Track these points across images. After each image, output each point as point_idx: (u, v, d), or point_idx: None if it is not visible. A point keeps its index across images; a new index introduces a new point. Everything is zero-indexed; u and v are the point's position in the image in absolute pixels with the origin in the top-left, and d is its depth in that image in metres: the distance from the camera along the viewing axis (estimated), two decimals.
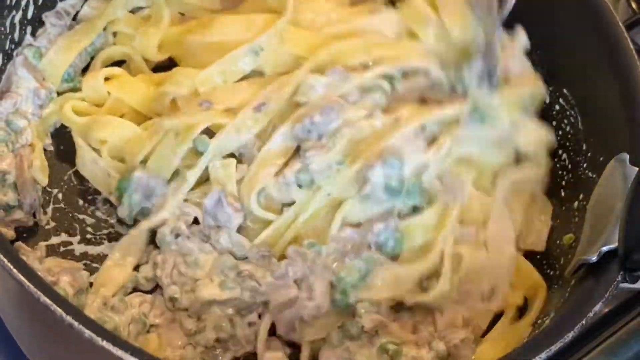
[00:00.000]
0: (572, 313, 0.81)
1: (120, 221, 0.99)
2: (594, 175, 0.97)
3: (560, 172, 1.06)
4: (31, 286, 0.72)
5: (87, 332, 0.70)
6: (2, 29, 1.02)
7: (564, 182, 1.05)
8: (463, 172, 0.99)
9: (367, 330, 0.90)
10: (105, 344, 0.70)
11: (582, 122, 1.03)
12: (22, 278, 0.72)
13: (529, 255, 1.02)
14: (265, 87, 0.98)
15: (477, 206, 0.99)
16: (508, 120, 1.01)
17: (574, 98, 1.05)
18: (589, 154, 1.00)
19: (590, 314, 0.79)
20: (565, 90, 1.06)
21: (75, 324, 0.70)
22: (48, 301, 0.71)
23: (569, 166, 1.04)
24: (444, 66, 1.02)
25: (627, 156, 0.89)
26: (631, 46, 0.97)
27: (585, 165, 1.01)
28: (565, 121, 1.06)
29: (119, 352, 0.70)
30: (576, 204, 1.00)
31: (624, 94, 0.95)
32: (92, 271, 0.95)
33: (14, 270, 0.73)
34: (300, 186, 0.95)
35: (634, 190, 0.82)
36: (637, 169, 0.86)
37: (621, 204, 0.83)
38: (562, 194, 1.05)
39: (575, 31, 1.03)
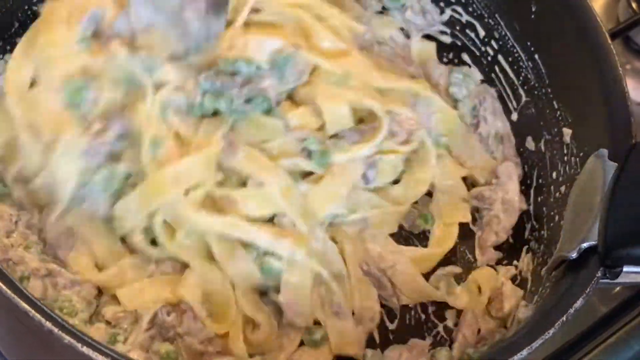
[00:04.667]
0: (553, 310, 0.80)
1: None
2: (572, 172, 0.98)
3: (541, 170, 1.07)
4: (8, 291, 0.71)
5: (67, 339, 0.70)
6: None
7: (542, 180, 1.07)
8: None
9: None
10: (85, 349, 0.70)
11: (561, 118, 1.04)
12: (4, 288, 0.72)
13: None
14: None
15: None
16: None
17: (555, 96, 1.05)
18: (570, 152, 1.01)
19: (571, 311, 0.79)
20: (549, 90, 1.06)
21: (55, 330, 0.70)
22: (27, 307, 0.71)
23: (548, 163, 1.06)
24: None
25: (606, 152, 0.89)
26: (611, 45, 0.97)
27: (565, 160, 1.02)
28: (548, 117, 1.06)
29: (99, 357, 0.70)
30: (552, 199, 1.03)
31: (604, 90, 0.96)
32: None
33: None
34: None
35: (613, 186, 0.83)
36: (616, 164, 0.86)
37: (600, 200, 0.83)
38: (543, 190, 1.06)
39: (558, 30, 1.04)
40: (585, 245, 0.82)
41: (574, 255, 0.83)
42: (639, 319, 1.02)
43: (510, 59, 1.13)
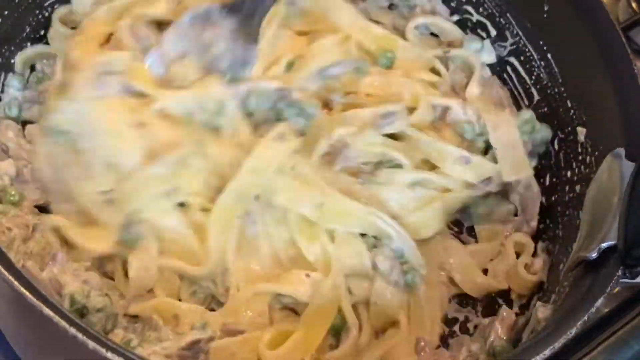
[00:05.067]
0: (573, 309, 0.80)
1: None
2: (587, 171, 0.99)
3: (554, 169, 1.07)
4: (33, 299, 0.71)
5: (91, 343, 0.70)
6: None
7: (556, 179, 1.07)
8: None
9: None
10: (110, 354, 0.70)
11: (575, 117, 1.04)
12: (24, 290, 0.71)
13: None
14: None
15: None
16: None
17: (569, 95, 1.05)
18: (584, 151, 1.01)
19: (593, 310, 0.79)
20: (562, 89, 1.06)
21: (79, 335, 0.70)
22: (51, 313, 0.70)
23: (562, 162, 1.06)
24: None
25: (623, 151, 0.89)
26: (625, 42, 0.97)
27: (579, 159, 1.02)
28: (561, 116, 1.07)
29: None
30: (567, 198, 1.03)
31: (618, 89, 0.96)
32: None
33: (15, 283, 0.72)
34: None
35: (632, 186, 0.83)
36: (633, 164, 0.86)
37: (618, 199, 0.83)
38: (557, 189, 1.06)
39: (571, 29, 1.03)
40: (605, 245, 0.82)
41: (594, 255, 0.83)
42: (639, 319, 1.02)
43: (522, 58, 1.13)
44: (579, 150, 1.02)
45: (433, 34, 1.20)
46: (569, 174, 1.04)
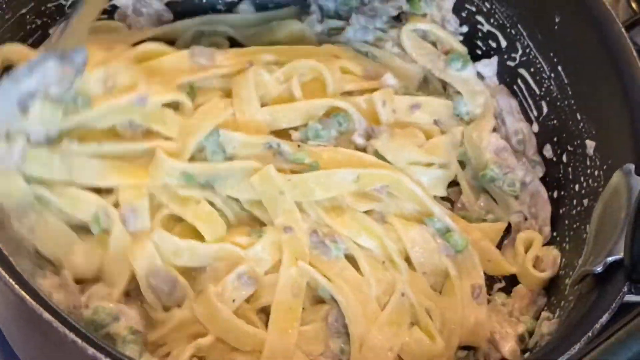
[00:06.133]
0: (578, 324, 0.80)
1: None
2: (595, 185, 0.98)
3: (563, 182, 1.06)
4: (33, 303, 0.71)
5: (91, 350, 0.70)
6: None
7: (564, 192, 1.06)
8: None
9: None
10: None
11: (585, 130, 1.03)
12: (24, 294, 0.72)
13: None
14: None
15: None
16: None
17: (578, 108, 1.05)
18: (593, 164, 1.00)
19: (597, 326, 0.78)
20: (572, 101, 1.06)
21: (79, 341, 0.70)
22: (50, 317, 0.70)
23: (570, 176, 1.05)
24: None
25: (632, 167, 0.89)
26: (636, 57, 0.96)
27: (588, 172, 1.01)
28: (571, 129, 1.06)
29: None
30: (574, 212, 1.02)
31: (628, 102, 0.95)
32: None
33: (16, 286, 0.72)
34: None
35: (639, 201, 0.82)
36: None
37: (626, 214, 0.83)
38: (565, 202, 1.05)
39: (582, 41, 1.03)
40: (610, 259, 0.82)
41: (600, 269, 0.82)
42: (639, 319, 1.02)
43: (532, 69, 1.12)
44: (588, 163, 1.01)
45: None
46: (577, 187, 1.03)
